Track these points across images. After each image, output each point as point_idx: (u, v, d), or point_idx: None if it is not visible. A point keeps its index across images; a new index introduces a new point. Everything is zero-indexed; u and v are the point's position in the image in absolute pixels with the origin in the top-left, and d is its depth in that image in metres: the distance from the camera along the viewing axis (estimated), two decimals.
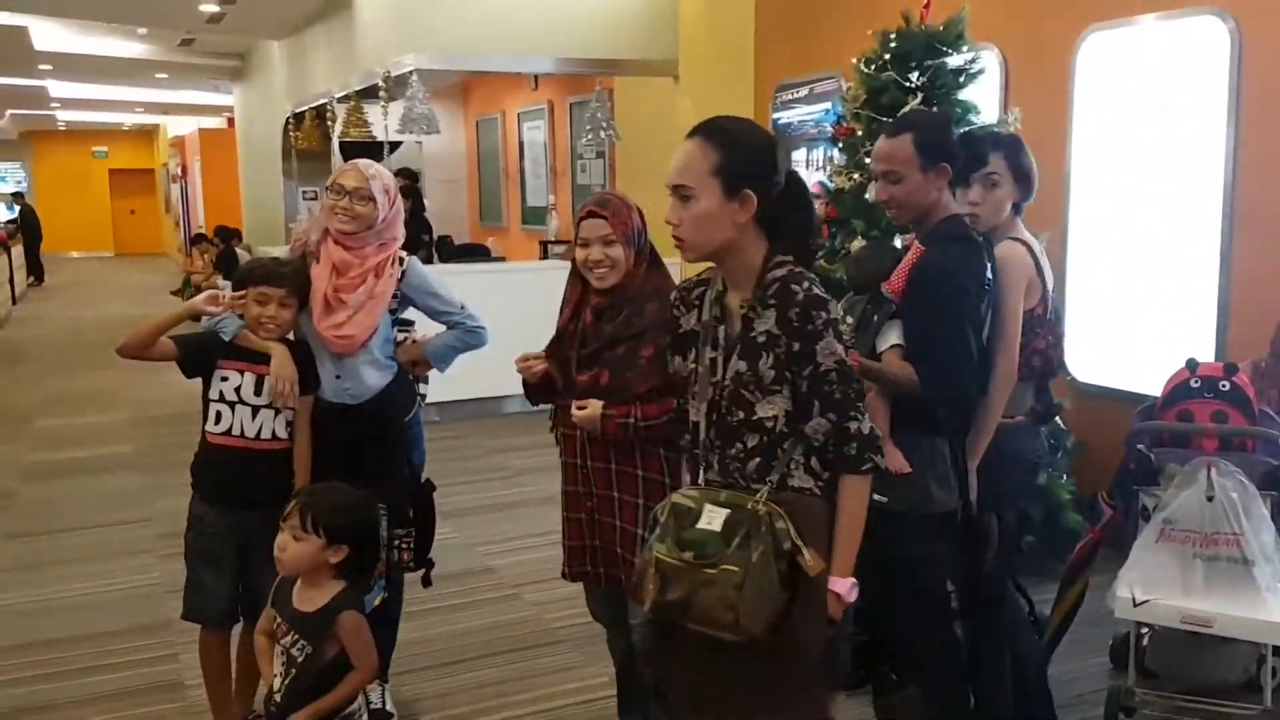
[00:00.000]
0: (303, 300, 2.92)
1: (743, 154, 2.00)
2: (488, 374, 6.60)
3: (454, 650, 3.80)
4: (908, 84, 4.07)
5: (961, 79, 4.09)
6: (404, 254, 3.07)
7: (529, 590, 4.33)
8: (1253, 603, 2.85)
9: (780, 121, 6.72)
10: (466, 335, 3.13)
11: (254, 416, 2.86)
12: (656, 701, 2.22)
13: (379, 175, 2.95)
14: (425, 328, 3.25)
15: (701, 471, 2.09)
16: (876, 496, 2.68)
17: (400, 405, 3.12)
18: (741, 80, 7.07)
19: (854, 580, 2.03)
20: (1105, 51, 4.55)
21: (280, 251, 3.32)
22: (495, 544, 4.90)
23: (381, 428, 3.04)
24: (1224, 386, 3.07)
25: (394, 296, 3.01)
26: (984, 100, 4.26)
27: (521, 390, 2.85)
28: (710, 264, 2.11)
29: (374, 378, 3.01)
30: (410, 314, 3.17)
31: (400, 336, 3.13)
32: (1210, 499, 2.89)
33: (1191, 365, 3.23)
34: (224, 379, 2.87)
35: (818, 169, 6.27)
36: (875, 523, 2.73)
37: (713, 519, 1.95)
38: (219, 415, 2.88)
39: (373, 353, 2.99)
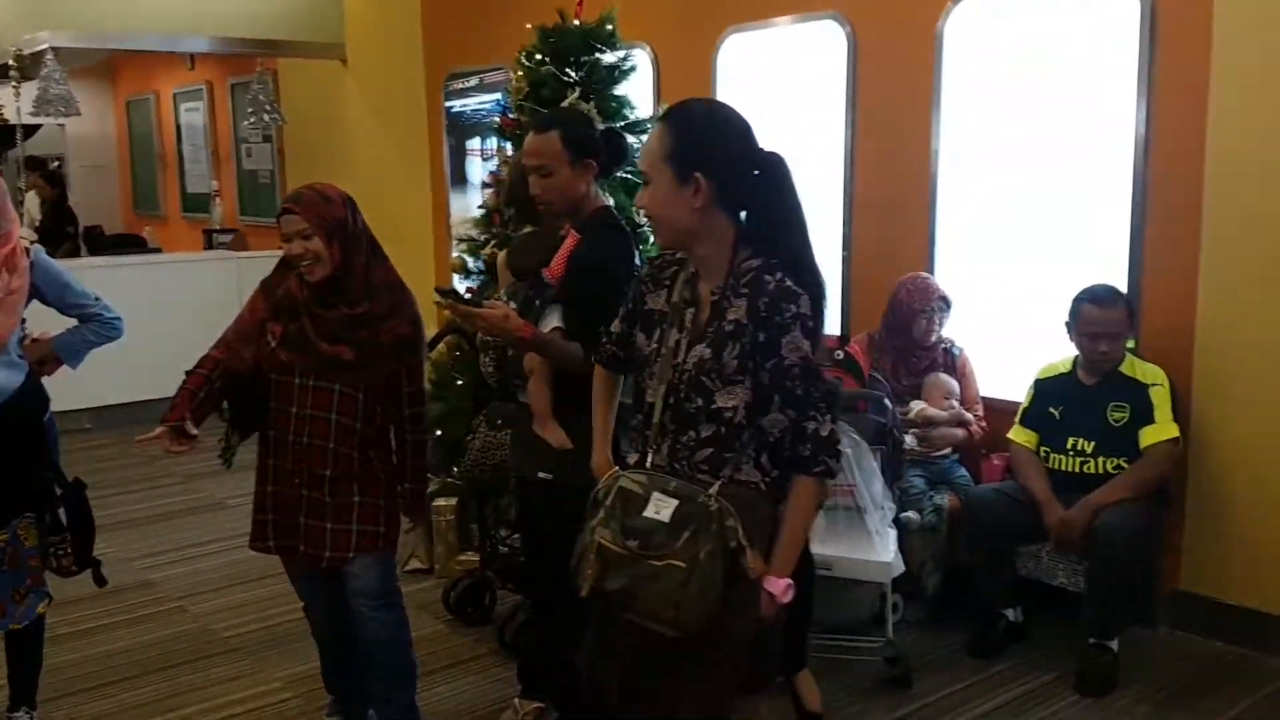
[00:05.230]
0: None
1: (696, 138, 1.95)
2: (146, 376, 6.24)
3: (111, 670, 3.56)
4: (567, 78, 4.22)
5: (616, 75, 4.30)
6: (28, 245, 2.87)
7: (195, 602, 4.12)
8: (865, 546, 3.23)
9: (453, 110, 6.73)
10: (102, 328, 2.99)
11: None
12: (589, 694, 2.15)
13: None
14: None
15: (650, 455, 2.00)
16: (541, 474, 2.83)
17: (37, 405, 2.91)
18: (411, 66, 7.01)
19: (790, 581, 1.97)
20: (742, 51, 4.92)
21: None
22: (156, 556, 4.61)
23: (21, 430, 2.82)
24: (838, 355, 3.48)
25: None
26: (639, 96, 4.50)
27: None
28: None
29: (7, 379, 2.78)
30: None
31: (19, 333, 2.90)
32: None
33: None
34: None
35: (489, 159, 6.35)
36: (538, 495, 2.87)
37: (661, 508, 1.89)
38: None
39: (8, 353, 2.77)
